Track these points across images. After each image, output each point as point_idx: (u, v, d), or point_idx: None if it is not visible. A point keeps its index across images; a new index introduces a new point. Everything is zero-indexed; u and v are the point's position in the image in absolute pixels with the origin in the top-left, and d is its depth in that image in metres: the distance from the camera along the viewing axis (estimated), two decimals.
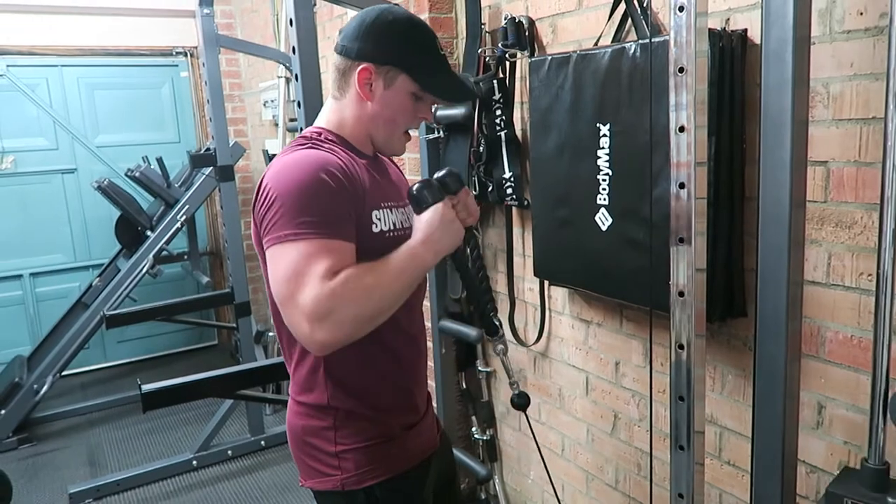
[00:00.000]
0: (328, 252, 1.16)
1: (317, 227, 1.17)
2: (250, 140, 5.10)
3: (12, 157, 4.58)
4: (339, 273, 1.14)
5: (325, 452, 1.37)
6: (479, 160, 2.27)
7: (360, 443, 1.35)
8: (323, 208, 1.19)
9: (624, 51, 1.63)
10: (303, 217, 1.17)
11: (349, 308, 1.13)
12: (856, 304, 1.37)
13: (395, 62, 1.28)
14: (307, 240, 1.16)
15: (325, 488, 1.38)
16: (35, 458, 3.73)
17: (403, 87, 1.30)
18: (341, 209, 1.22)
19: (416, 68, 1.29)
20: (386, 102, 1.31)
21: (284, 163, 1.24)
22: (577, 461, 2.28)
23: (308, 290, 1.12)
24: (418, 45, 1.30)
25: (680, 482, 1.20)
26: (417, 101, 1.33)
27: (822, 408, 1.46)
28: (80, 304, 4.34)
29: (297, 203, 1.18)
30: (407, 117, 1.34)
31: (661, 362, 1.83)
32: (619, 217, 1.72)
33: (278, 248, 1.18)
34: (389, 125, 1.34)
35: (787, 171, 0.99)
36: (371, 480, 1.35)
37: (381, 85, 1.30)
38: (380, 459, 1.36)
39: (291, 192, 1.18)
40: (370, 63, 1.29)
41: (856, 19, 1.29)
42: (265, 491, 3.26)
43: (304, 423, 1.39)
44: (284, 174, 1.21)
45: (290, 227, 1.17)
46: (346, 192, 1.23)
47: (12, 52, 4.52)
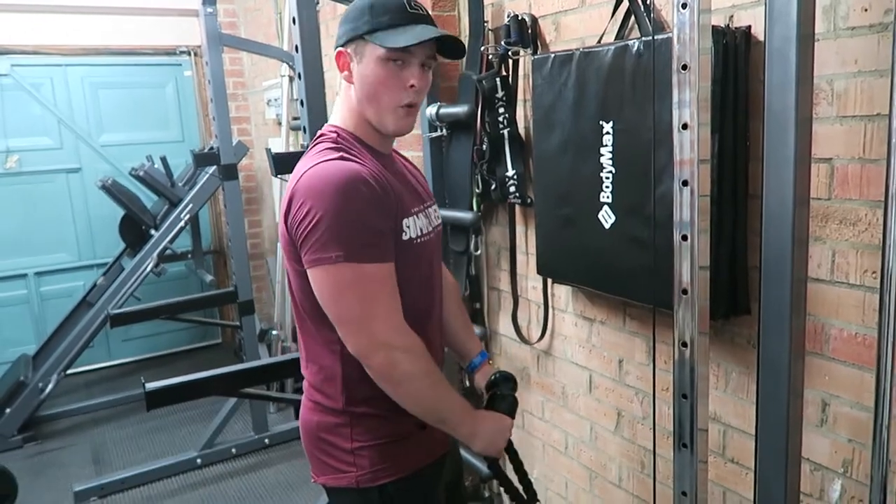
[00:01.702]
0: (385, 278, 1.23)
1: (367, 250, 1.21)
2: (254, 139, 5.11)
3: (17, 156, 4.59)
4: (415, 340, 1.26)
5: (341, 449, 1.37)
6: (482, 158, 2.26)
7: (376, 440, 1.36)
8: (368, 227, 1.21)
9: (627, 48, 1.63)
10: (351, 237, 1.19)
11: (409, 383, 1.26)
12: (860, 301, 1.36)
13: (357, 34, 1.26)
14: (360, 263, 1.20)
15: (339, 485, 1.39)
16: (40, 457, 3.74)
17: (371, 56, 1.26)
18: (384, 225, 1.24)
19: (377, 31, 1.24)
20: (362, 77, 1.28)
21: (322, 175, 1.21)
22: (581, 459, 2.28)
23: (382, 319, 1.22)
24: (376, 10, 1.25)
25: (683, 480, 1.20)
26: (395, 65, 1.26)
27: (826, 405, 1.46)
28: (84, 303, 4.35)
29: (343, 223, 1.19)
30: (389, 87, 1.27)
31: (664, 360, 1.83)
32: (623, 215, 1.72)
33: (329, 269, 1.20)
34: (373, 100, 1.29)
35: (791, 168, 0.99)
36: (386, 478, 1.36)
37: (356, 62, 1.28)
38: (395, 457, 1.37)
39: (336, 210, 1.18)
40: (343, 45, 1.29)
41: (860, 16, 1.29)
42: (269, 489, 3.27)
43: (318, 419, 1.40)
44: (326, 189, 1.19)
45: (340, 248, 1.19)
46: (384, 206, 1.24)
47: (17, 52, 4.53)
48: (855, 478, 1.43)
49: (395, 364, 1.23)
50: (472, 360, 1.62)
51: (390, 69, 1.26)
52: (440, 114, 2.37)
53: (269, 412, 3.97)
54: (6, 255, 4.62)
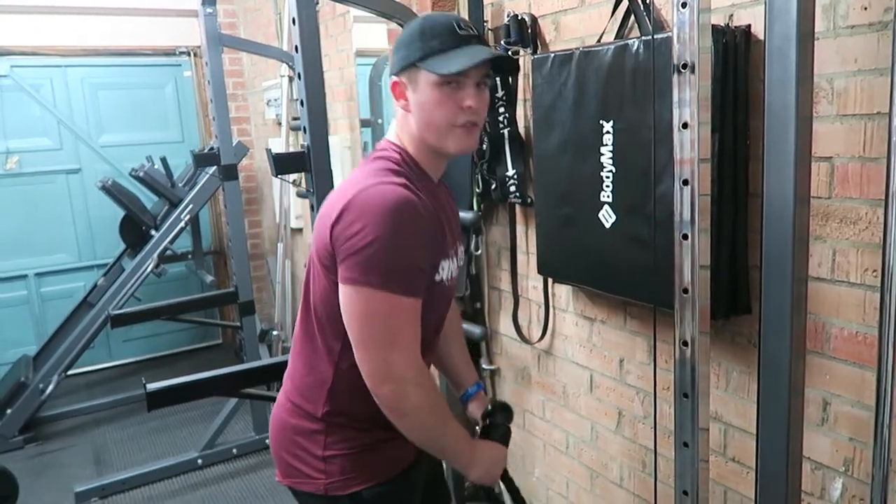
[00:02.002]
0: (412, 314, 1.24)
1: (405, 284, 1.22)
2: (254, 139, 5.11)
3: (17, 157, 4.59)
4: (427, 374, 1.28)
5: (312, 455, 1.36)
6: (482, 158, 2.26)
7: (349, 449, 1.36)
8: (412, 261, 1.22)
9: (627, 47, 1.63)
10: (394, 269, 1.20)
11: (415, 415, 1.27)
12: (861, 300, 1.36)
13: (409, 62, 1.26)
14: (396, 294, 1.21)
15: (307, 490, 1.38)
16: (41, 458, 3.74)
17: (425, 82, 1.25)
18: (426, 262, 1.26)
19: (428, 57, 1.24)
20: (419, 105, 1.27)
21: (379, 198, 1.20)
22: (582, 458, 2.28)
23: (402, 352, 1.23)
24: (426, 35, 1.25)
25: (684, 479, 1.20)
26: (449, 87, 1.25)
27: (827, 404, 1.46)
28: (85, 304, 4.35)
29: (391, 253, 1.19)
30: (443, 110, 1.26)
31: (665, 359, 1.83)
32: (623, 214, 1.72)
33: (364, 291, 1.20)
34: (430, 126, 1.28)
35: (792, 167, 0.99)
36: (357, 486, 1.36)
37: (411, 90, 1.28)
38: (367, 465, 1.36)
39: (386, 238, 1.18)
40: (396, 75, 1.29)
41: (860, 14, 1.29)
42: (270, 489, 3.27)
43: (294, 421, 1.39)
44: (383, 214, 1.18)
45: (381, 276, 1.19)
46: (432, 244, 1.26)
47: (16, 53, 4.53)
48: (856, 476, 1.43)
49: (405, 397, 1.24)
50: (467, 389, 1.63)
51: (445, 93, 1.25)
52: None
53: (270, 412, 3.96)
54: (6, 255, 4.62)
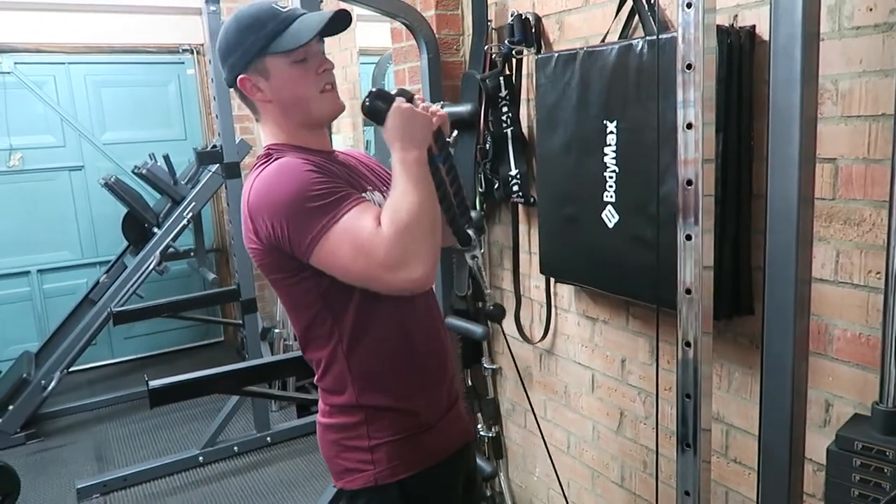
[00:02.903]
0: (360, 212, 1.21)
1: (337, 204, 1.21)
2: (256, 137, 5.10)
3: (20, 154, 4.60)
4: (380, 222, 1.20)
5: (359, 448, 1.38)
6: (485, 157, 2.26)
7: (393, 436, 1.37)
8: (330, 188, 1.22)
9: (631, 47, 1.63)
10: (322, 205, 1.20)
11: (414, 235, 1.19)
12: (864, 301, 1.36)
13: (251, 55, 1.29)
14: (340, 218, 1.20)
15: (358, 486, 1.39)
16: (43, 454, 3.75)
17: (277, 67, 1.30)
18: (342, 184, 1.26)
19: (268, 43, 1.28)
20: (279, 90, 1.32)
21: (265, 181, 1.25)
22: (583, 458, 2.28)
23: (377, 249, 1.18)
24: (255, 26, 1.29)
25: (686, 480, 1.20)
26: (302, 63, 1.30)
27: (829, 406, 1.46)
28: (87, 301, 4.35)
29: (308, 198, 1.20)
30: (306, 84, 1.32)
31: (667, 360, 1.83)
32: (626, 214, 1.72)
33: (323, 243, 1.20)
34: (300, 101, 1.32)
35: (796, 168, 0.99)
36: (403, 473, 1.37)
37: (263, 81, 1.32)
38: (412, 452, 1.38)
39: (286, 199, 1.20)
40: (241, 74, 1.32)
41: (865, 15, 1.28)
42: (271, 487, 3.27)
43: (335, 421, 1.40)
44: (275, 188, 1.22)
45: (320, 218, 1.20)
46: (327, 171, 1.26)
47: (20, 50, 4.53)
48: None
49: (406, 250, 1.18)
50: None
51: (299, 68, 1.30)
52: None
53: (272, 410, 3.97)
54: (9, 252, 4.63)
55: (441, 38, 2.42)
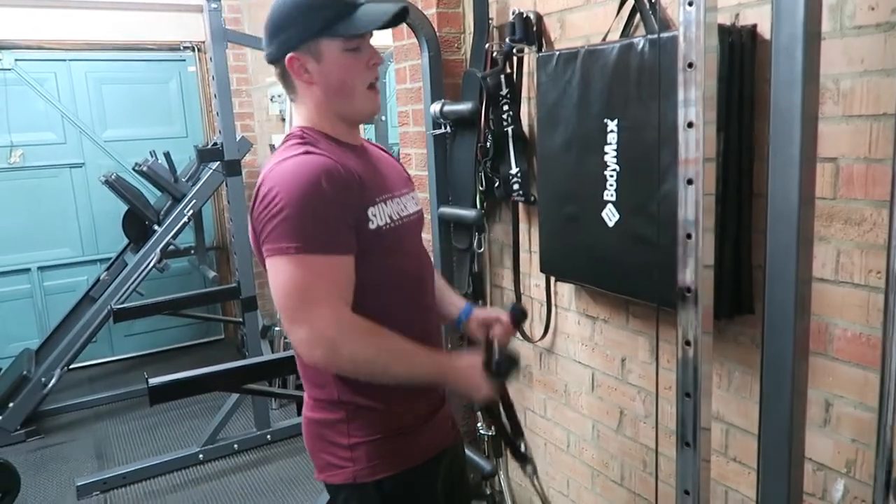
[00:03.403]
0: (334, 271, 1.23)
1: (322, 243, 1.21)
2: (257, 135, 5.11)
3: (21, 151, 4.61)
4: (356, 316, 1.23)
5: (339, 445, 1.38)
6: (485, 156, 2.26)
7: (373, 435, 1.36)
8: (327, 220, 1.22)
9: (632, 46, 1.63)
10: (307, 230, 1.20)
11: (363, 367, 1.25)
12: (864, 301, 1.36)
13: (308, 35, 1.28)
14: (313, 255, 1.20)
15: (337, 481, 1.40)
16: (43, 451, 3.75)
17: (331, 51, 1.29)
18: (343, 220, 1.25)
19: (328, 25, 1.28)
20: (328, 74, 1.31)
21: (286, 169, 1.24)
22: (583, 457, 2.28)
23: (323, 311, 1.20)
24: (313, 5, 1.28)
25: (686, 479, 1.20)
26: (354, 52, 1.30)
27: (829, 405, 1.46)
28: (87, 298, 4.36)
29: (302, 214, 1.20)
30: (356, 73, 1.32)
31: (667, 359, 1.83)
32: (627, 213, 1.72)
33: (281, 260, 1.21)
34: (345, 92, 1.32)
35: (797, 167, 0.99)
36: (383, 473, 1.37)
37: (314, 63, 1.31)
38: (392, 452, 1.37)
39: (296, 202, 1.20)
40: (291, 51, 1.30)
41: (867, 14, 1.28)
42: (271, 485, 3.27)
43: (318, 416, 1.41)
44: (289, 182, 1.22)
45: (295, 240, 1.20)
46: (346, 198, 1.25)
47: (21, 47, 4.54)
48: (858, 478, 1.42)
49: (339, 356, 1.23)
50: (460, 312, 1.61)
51: (351, 57, 1.30)
52: (444, 111, 2.36)
53: (272, 408, 3.98)
54: (10, 249, 4.64)
55: (442, 36, 2.42)
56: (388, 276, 1.34)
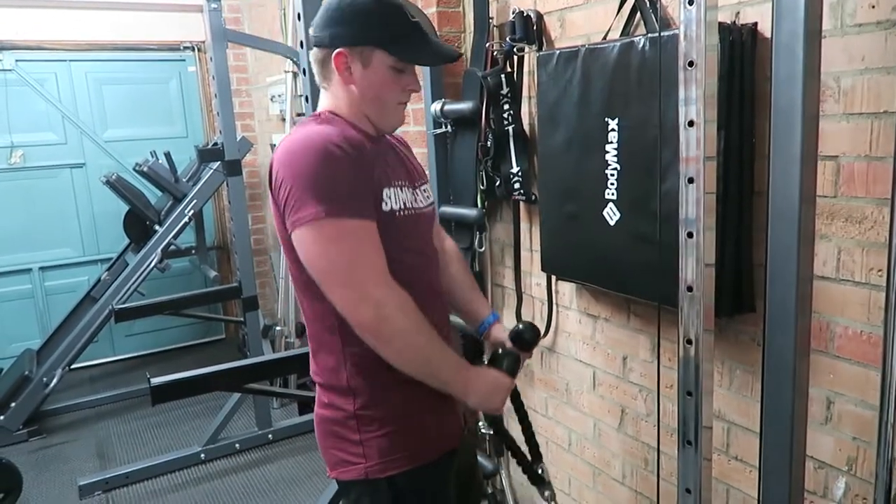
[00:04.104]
0: (369, 234, 1.24)
1: (348, 206, 1.22)
2: (257, 135, 5.11)
3: (21, 151, 4.61)
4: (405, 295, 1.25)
5: (350, 441, 1.38)
6: (486, 155, 2.26)
7: (383, 429, 1.37)
8: (348, 184, 1.23)
9: (633, 45, 1.63)
10: (332, 195, 1.21)
11: (400, 338, 1.26)
12: (865, 299, 1.36)
13: (366, 40, 1.30)
14: (342, 219, 1.21)
15: (349, 477, 1.40)
16: (45, 451, 3.75)
17: (381, 63, 1.31)
18: (362, 186, 1.26)
19: (388, 41, 1.30)
20: (368, 82, 1.32)
21: (292, 141, 1.26)
22: (584, 456, 2.28)
23: (367, 272, 1.23)
24: (385, 18, 1.30)
25: (687, 477, 1.20)
26: (399, 73, 1.33)
27: (830, 403, 1.46)
28: (88, 298, 4.36)
29: (315, 180, 1.21)
30: (392, 91, 1.35)
31: (668, 357, 1.83)
32: (628, 212, 1.72)
33: (311, 228, 1.22)
34: (377, 102, 1.35)
35: (797, 165, 0.99)
36: (394, 469, 1.37)
37: (360, 66, 1.32)
38: (403, 447, 1.38)
39: (306, 170, 1.21)
40: (344, 47, 1.30)
41: (867, 13, 1.28)
42: (273, 484, 3.27)
43: (329, 413, 1.41)
44: (294, 153, 1.24)
45: (320, 204, 1.20)
46: (356, 163, 1.25)
47: (21, 47, 4.54)
48: (859, 476, 1.43)
49: (385, 319, 1.23)
50: (482, 321, 1.63)
51: (394, 75, 1.33)
52: (445, 110, 2.37)
53: (273, 408, 3.98)
54: (11, 249, 4.64)
55: (443, 35, 2.42)
56: (396, 265, 1.31)
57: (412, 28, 1.31)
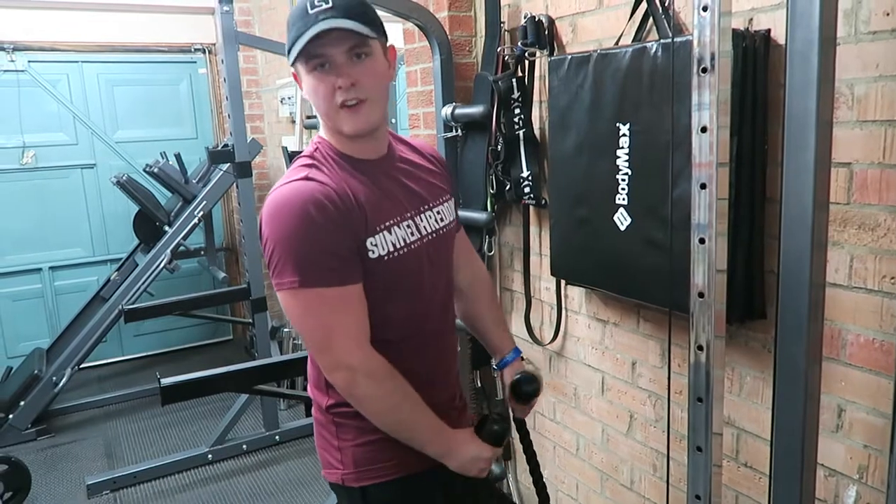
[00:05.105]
0: (345, 302, 1.25)
1: (325, 274, 1.22)
2: (267, 136, 5.13)
3: (33, 151, 4.64)
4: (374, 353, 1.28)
5: (331, 445, 1.42)
6: (496, 159, 2.26)
7: (356, 442, 1.38)
8: (325, 251, 1.22)
9: (645, 50, 1.63)
10: (308, 263, 1.21)
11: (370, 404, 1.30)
12: (878, 307, 1.36)
13: (289, 54, 1.27)
14: (314, 288, 1.22)
15: (331, 480, 1.45)
16: (53, 450, 3.78)
17: (302, 72, 1.27)
18: (342, 247, 1.24)
19: (292, 46, 1.24)
20: (308, 93, 1.29)
21: (277, 201, 1.24)
22: (592, 461, 2.28)
23: (340, 341, 1.25)
24: (290, 25, 1.26)
25: (697, 484, 1.20)
26: (320, 70, 1.24)
27: (842, 411, 1.45)
28: (98, 298, 4.39)
29: (294, 247, 1.21)
30: (326, 97, 1.25)
31: (678, 363, 1.83)
32: (639, 217, 1.72)
33: (287, 295, 1.25)
34: (320, 111, 1.29)
35: (811, 172, 0.99)
36: (367, 481, 1.39)
37: (302, 80, 1.30)
38: (377, 460, 1.38)
39: (287, 235, 1.21)
40: (292, 66, 1.30)
41: (882, 20, 1.28)
42: (280, 486, 3.28)
43: (317, 415, 1.46)
44: (279, 214, 1.22)
45: (293, 274, 1.21)
46: (337, 223, 1.22)
47: (34, 48, 4.58)
48: (870, 484, 1.42)
49: (355, 385, 1.28)
50: (503, 357, 1.64)
51: (317, 77, 1.25)
52: (455, 114, 2.37)
53: (280, 409, 3.99)
54: (21, 249, 4.67)
55: (454, 39, 2.42)
56: (384, 302, 1.32)
57: (306, 20, 1.21)
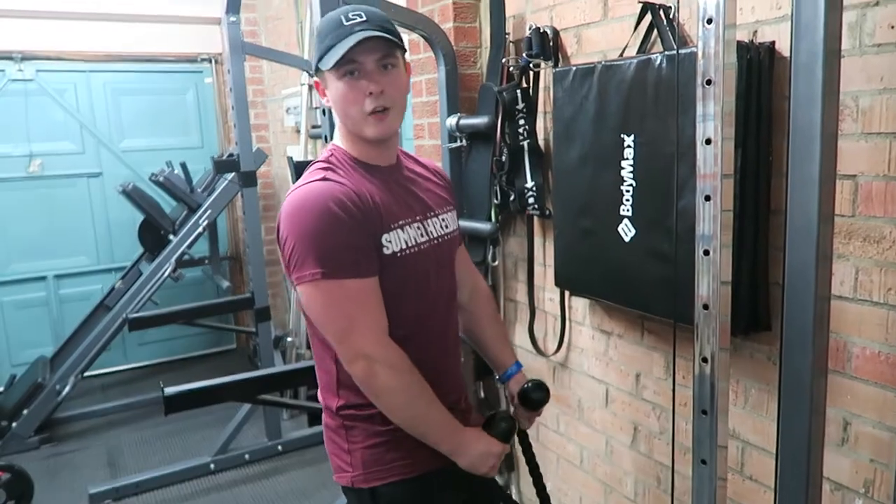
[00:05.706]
0: (362, 294, 1.29)
1: (342, 267, 1.27)
2: (272, 146, 5.15)
3: (40, 160, 4.66)
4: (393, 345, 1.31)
5: (342, 449, 1.44)
6: (501, 169, 2.27)
7: (367, 441, 1.40)
8: (342, 243, 1.27)
9: (649, 62, 1.63)
10: (328, 256, 1.26)
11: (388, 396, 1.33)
12: (883, 319, 1.35)
13: (318, 62, 1.33)
14: (337, 280, 1.26)
15: (342, 483, 1.46)
16: (56, 458, 3.77)
17: (330, 78, 1.33)
18: (360, 242, 1.29)
19: (323, 56, 1.31)
20: (334, 100, 1.35)
21: (297, 199, 1.30)
22: (596, 473, 2.26)
23: (361, 331, 1.29)
24: (322, 35, 1.32)
25: (702, 497, 1.19)
26: (351, 77, 1.30)
27: (847, 424, 1.44)
28: (102, 307, 4.39)
29: (316, 241, 1.26)
30: (354, 103, 1.31)
31: (682, 375, 1.82)
32: (643, 228, 1.72)
33: (308, 287, 1.28)
34: (347, 117, 1.35)
35: (816, 184, 0.98)
36: (377, 481, 1.40)
37: (326, 89, 1.37)
38: (387, 461, 1.40)
39: (307, 229, 1.26)
40: (316, 74, 1.37)
41: (886, 33, 1.28)
42: (282, 495, 3.27)
43: (327, 420, 1.48)
44: (298, 213, 1.28)
45: (315, 266, 1.26)
46: (355, 219, 1.28)
47: (41, 58, 4.61)
48: (876, 498, 1.41)
49: (375, 375, 1.30)
50: (506, 369, 1.67)
51: (347, 83, 1.31)
52: (460, 124, 2.38)
53: (283, 419, 3.98)
54: (27, 257, 4.68)
55: (459, 50, 2.43)
56: (393, 300, 1.35)
57: (339, 31, 1.29)
